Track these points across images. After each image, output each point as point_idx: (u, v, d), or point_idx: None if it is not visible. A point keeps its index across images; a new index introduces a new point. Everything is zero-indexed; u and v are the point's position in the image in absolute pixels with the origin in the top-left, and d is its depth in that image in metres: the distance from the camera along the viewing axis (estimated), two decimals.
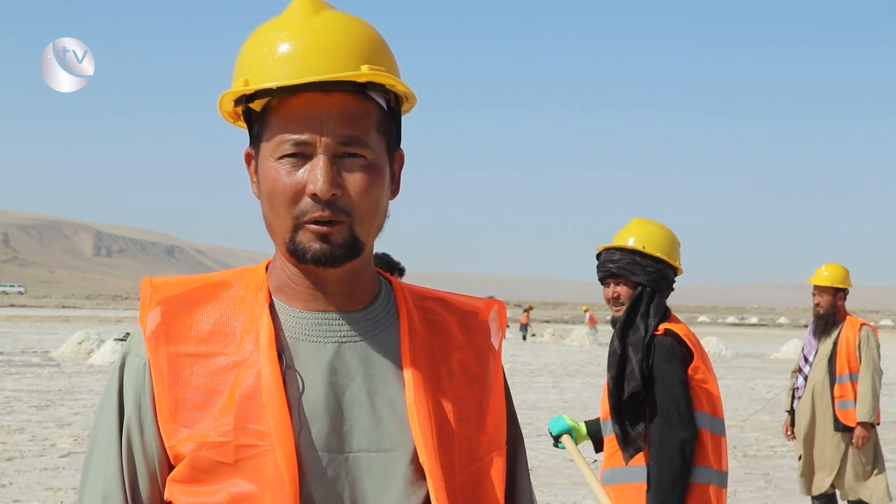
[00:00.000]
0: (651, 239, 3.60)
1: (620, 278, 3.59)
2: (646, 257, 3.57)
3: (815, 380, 6.66)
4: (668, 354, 3.39)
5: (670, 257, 3.60)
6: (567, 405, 15.53)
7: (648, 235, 3.61)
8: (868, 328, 6.62)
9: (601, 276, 3.66)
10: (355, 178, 1.28)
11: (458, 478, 1.33)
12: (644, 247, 3.57)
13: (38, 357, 23.05)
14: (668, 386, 3.35)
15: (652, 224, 3.68)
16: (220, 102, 1.36)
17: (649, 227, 3.66)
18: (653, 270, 3.56)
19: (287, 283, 1.35)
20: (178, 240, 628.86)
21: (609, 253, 3.64)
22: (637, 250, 3.57)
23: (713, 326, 72.23)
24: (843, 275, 6.66)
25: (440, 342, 1.39)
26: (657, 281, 3.56)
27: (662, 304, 3.54)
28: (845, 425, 6.47)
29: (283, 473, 1.24)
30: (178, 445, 1.29)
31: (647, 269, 3.55)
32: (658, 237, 3.61)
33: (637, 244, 3.58)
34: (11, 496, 7.94)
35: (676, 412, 3.32)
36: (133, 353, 1.35)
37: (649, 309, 3.50)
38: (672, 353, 3.40)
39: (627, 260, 3.57)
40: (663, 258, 3.57)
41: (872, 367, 6.45)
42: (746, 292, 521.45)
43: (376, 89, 1.32)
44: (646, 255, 3.57)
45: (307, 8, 1.32)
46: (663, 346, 3.42)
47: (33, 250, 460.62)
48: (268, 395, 1.27)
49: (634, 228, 3.65)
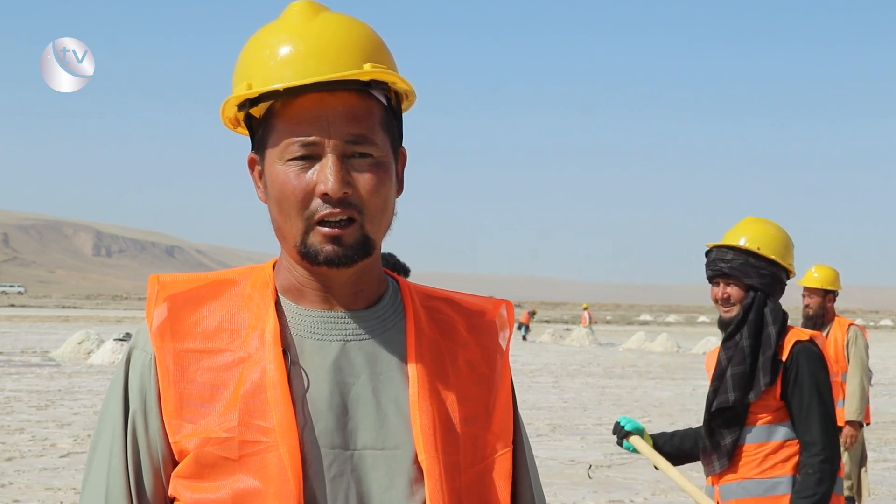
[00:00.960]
0: (766, 240, 3.47)
1: (732, 278, 3.44)
2: (759, 259, 3.44)
3: None
4: (820, 362, 3.33)
5: (784, 260, 3.48)
6: (567, 405, 15.54)
7: (763, 236, 3.47)
8: (856, 328, 6.63)
9: (710, 274, 3.51)
10: (365, 177, 1.29)
11: (464, 477, 1.33)
12: (759, 248, 3.44)
13: (38, 357, 23.06)
14: (823, 392, 3.29)
15: (766, 223, 3.56)
16: (223, 108, 1.36)
17: (764, 226, 3.53)
18: (766, 273, 3.43)
19: (294, 283, 1.36)
20: (178, 240, 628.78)
21: (721, 251, 3.49)
22: (751, 251, 3.44)
23: (713, 326, 72.11)
24: (833, 277, 6.67)
25: (447, 341, 1.40)
26: (770, 284, 3.43)
27: (778, 307, 3.42)
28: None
29: (287, 469, 1.25)
30: (182, 441, 1.29)
31: (761, 272, 3.43)
32: (773, 238, 3.48)
33: (751, 245, 3.45)
34: (11, 496, 7.94)
35: (833, 422, 3.27)
36: (139, 349, 1.35)
37: (765, 315, 3.40)
38: (822, 361, 3.34)
39: (740, 261, 3.43)
40: (778, 260, 3.45)
41: (861, 366, 6.46)
42: None
43: (378, 87, 1.33)
44: (760, 256, 3.44)
45: (306, 10, 1.32)
46: (813, 353, 3.33)
47: (33, 250, 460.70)
48: (272, 392, 1.27)
49: (748, 227, 3.52)
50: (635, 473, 9.58)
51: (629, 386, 19.60)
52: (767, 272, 3.43)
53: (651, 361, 27.68)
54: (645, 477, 9.38)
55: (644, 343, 35.46)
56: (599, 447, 11.15)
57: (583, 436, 12.11)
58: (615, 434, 3.60)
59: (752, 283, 3.41)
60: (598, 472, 9.51)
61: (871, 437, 11.11)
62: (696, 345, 33.89)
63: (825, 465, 3.21)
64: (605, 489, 8.80)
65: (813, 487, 3.20)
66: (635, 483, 9.15)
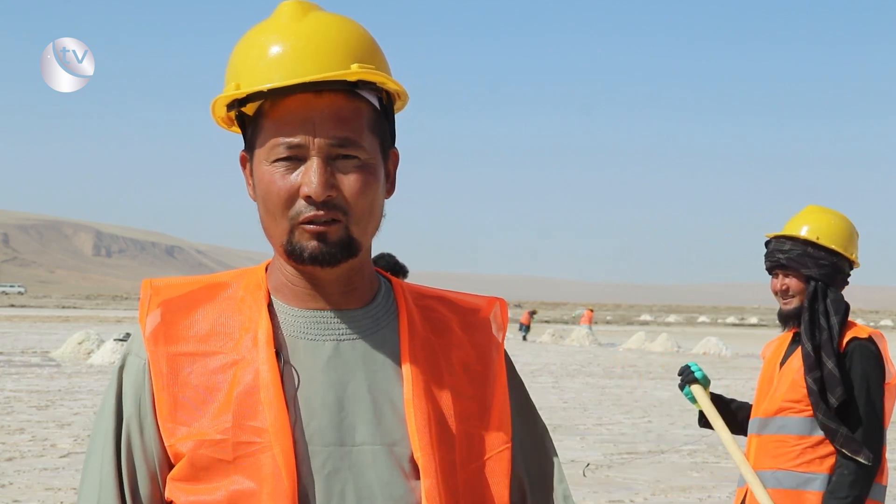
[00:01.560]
0: (826, 229, 3.36)
1: (790, 269, 3.35)
2: (819, 249, 3.33)
3: None
4: (876, 362, 3.24)
5: (846, 250, 3.36)
6: (567, 405, 15.54)
7: (824, 225, 3.37)
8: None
9: (769, 266, 3.41)
10: (350, 180, 1.29)
11: (460, 474, 1.34)
12: (818, 237, 3.33)
13: (38, 357, 23.05)
14: (873, 393, 3.21)
15: (828, 212, 3.45)
16: (213, 107, 1.37)
17: (825, 215, 3.42)
18: (826, 263, 3.32)
19: (285, 283, 1.36)
20: (178, 240, 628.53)
21: (779, 242, 3.40)
22: (810, 241, 3.33)
23: (713, 326, 72.24)
24: None
25: (441, 340, 1.40)
26: (830, 275, 3.32)
27: (840, 298, 3.32)
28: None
29: (281, 470, 1.25)
30: (177, 444, 1.29)
31: (820, 262, 3.32)
32: (834, 227, 3.37)
33: (811, 234, 3.35)
34: (11, 496, 7.94)
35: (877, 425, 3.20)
36: (133, 354, 1.36)
37: (827, 306, 3.29)
38: (879, 361, 3.25)
39: (799, 251, 3.33)
40: (839, 251, 3.33)
41: None
42: (746, 292, 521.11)
43: (367, 88, 1.32)
44: (820, 246, 3.33)
45: (296, 10, 1.32)
46: (870, 352, 3.24)
47: (33, 250, 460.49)
48: (265, 393, 1.28)
49: (808, 217, 3.42)
50: (635, 473, 9.58)
51: (629, 386, 19.59)
52: (827, 262, 3.33)
53: (651, 361, 27.66)
54: (645, 477, 9.38)
55: (644, 343, 35.43)
56: (599, 447, 11.15)
57: (583, 436, 12.11)
58: (680, 376, 3.49)
59: (810, 274, 3.32)
60: (598, 472, 9.51)
61: None
62: (696, 345, 33.85)
63: (862, 468, 3.14)
64: (605, 489, 8.79)
65: (846, 489, 3.12)
66: (635, 483, 9.14)
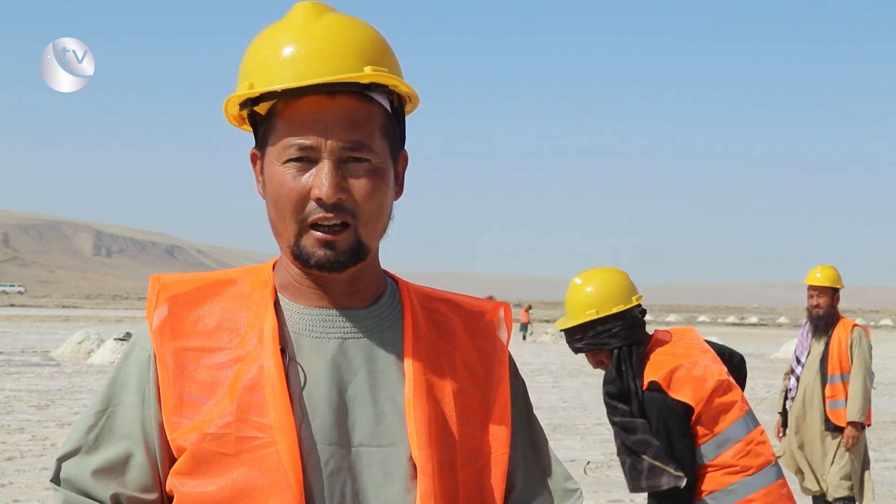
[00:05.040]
0: (600, 298, 3.31)
1: (598, 352, 3.35)
2: (605, 320, 3.30)
3: (806, 380, 6.70)
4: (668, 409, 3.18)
5: (627, 302, 3.32)
6: (567, 405, 15.54)
7: (594, 297, 3.32)
8: (860, 329, 6.65)
9: (578, 351, 3.37)
10: (360, 183, 1.29)
11: (459, 476, 1.34)
12: (597, 311, 3.30)
13: (38, 357, 23.04)
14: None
15: (587, 281, 3.38)
16: (226, 106, 1.37)
17: (585, 286, 3.36)
18: (621, 326, 3.29)
19: (291, 281, 1.37)
20: (178, 240, 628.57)
21: (569, 335, 3.38)
22: (595, 319, 3.30)
23: (713, 326, 72.25)
24: (837, 275, 6.75)
25: (444, 342, 1.40)
26: (630, 333, 3.29)
27: (642, 359, 3.26)
28: (836, 425, 6.50)
29: (286, 465, 1.26)
30: (180, 438, 1.30)
31: (614, 330, 3.29)
32: (604, 293, 3.32)
33: (589, 313, 3.31)
34: (11, 496, 7.94)
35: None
36: (139, 346, 1.37)
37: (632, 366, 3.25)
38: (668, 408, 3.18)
39: (592, 333, 3.31)
40: (624, 309, 3.30)
41: (864, 367, 6.47)
42: (746, 292, 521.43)
43: (380, 91, 1.33)
44: (605, 317, 3.30)
45: (310, 11, 1.33)
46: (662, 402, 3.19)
47: (33, 250, 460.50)
48: (270, 388, 1.28)
49: (575, 298, 3.36)
50: None
51: None
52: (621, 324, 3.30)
53: None
54: None
55: None
56: (599, 447, 11.15)
57: (583, 436, 12.11)
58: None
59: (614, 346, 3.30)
60: (598, 472, 9.51)
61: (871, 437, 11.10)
62: None
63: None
64: (605, 489, 8.79)
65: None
66: None
